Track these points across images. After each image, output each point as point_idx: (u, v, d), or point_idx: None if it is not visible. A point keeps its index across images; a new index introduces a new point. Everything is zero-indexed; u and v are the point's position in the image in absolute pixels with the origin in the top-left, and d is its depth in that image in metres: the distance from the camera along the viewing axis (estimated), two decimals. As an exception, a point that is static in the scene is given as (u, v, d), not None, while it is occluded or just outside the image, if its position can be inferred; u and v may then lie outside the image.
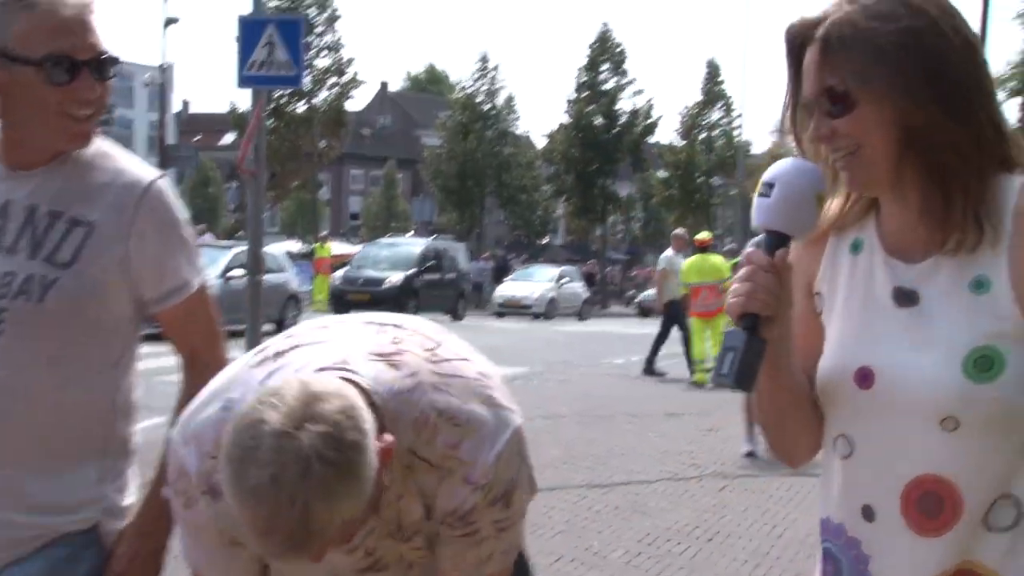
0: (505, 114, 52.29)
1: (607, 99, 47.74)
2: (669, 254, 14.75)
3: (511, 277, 33.48)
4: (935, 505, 1.50)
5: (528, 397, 11.09)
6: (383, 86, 74.88)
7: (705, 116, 51.59)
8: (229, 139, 53.90)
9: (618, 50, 48.19)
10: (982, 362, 1.46)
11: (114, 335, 2.11)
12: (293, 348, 1.78)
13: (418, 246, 28.32)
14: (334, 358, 1.69)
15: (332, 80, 39.08)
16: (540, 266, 37.08)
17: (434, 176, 52.05)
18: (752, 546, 6.24)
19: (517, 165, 52.63)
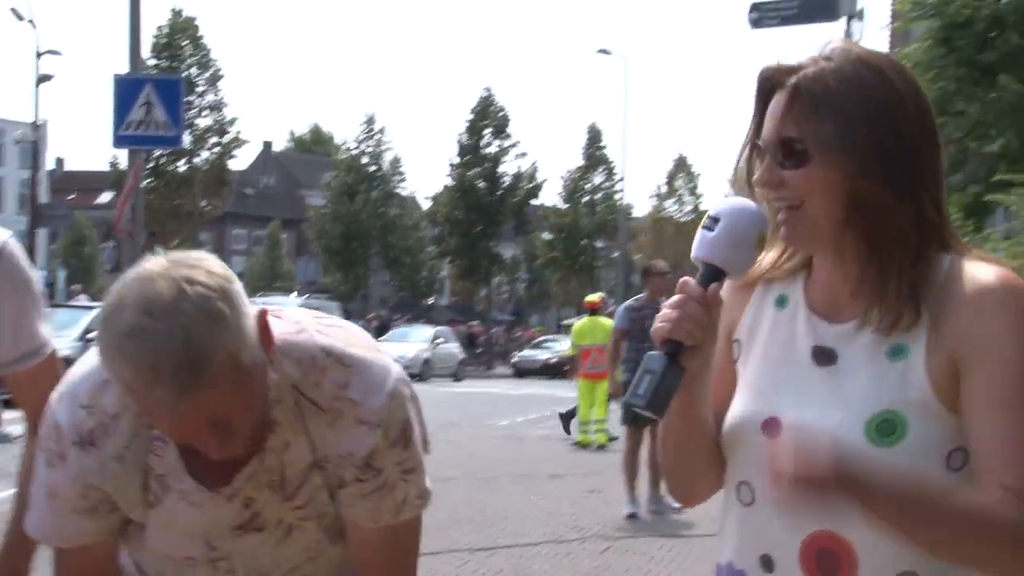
0: (391, 175, 52.35)
1: (490, 162, 48.16)
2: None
3: (385, 338, 33.35)
4: (832, 563, 1.50)
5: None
6: (267, 146, 74.36)
7: (587, 179, 52.42)
8: (106, 198, 52.66)
9: (500, 114, 48.73)
10: (884, 426, 1.46)
11: None
12: None
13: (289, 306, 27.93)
14: None
15: (214, 140, 38.57)
16: (416, 327, 37.06)
17: (319, 236, 51.71)
18: (635, 607, 6.26)
19: (402, 226, 52.63)
